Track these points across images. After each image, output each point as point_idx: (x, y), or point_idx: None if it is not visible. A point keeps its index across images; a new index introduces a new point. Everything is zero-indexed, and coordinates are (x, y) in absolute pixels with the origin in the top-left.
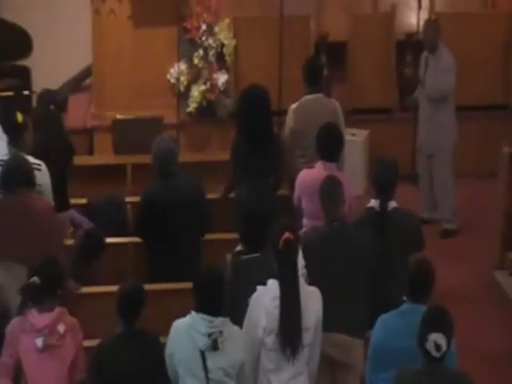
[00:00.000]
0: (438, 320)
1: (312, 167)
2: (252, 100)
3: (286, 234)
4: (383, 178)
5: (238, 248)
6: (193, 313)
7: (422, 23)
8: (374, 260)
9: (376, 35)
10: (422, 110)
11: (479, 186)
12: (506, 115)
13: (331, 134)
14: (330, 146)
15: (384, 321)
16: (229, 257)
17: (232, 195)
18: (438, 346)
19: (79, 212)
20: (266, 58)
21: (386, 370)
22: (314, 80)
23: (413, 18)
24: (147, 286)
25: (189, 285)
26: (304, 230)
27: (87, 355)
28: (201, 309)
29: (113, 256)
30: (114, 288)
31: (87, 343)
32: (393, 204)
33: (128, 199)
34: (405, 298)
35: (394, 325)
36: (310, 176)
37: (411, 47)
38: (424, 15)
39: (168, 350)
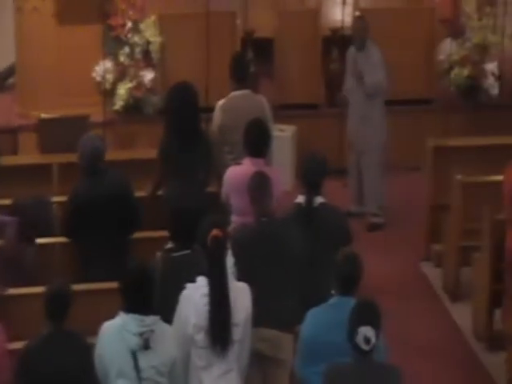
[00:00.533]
0: (366, 313)
1: (240, 163)
2: (179, 97)
3: (215, 231)
4: (312, 175)
5: (168, 245)
6: (122, 313)
7: (346, 19)
8: (302, 255)
9: (302, 31)
10: (354, 108)
11: (406, 179)
12: (430, 109)
13: (258, 130)
14: (257, 141)
15: (313, 315)
16: (159, 254)
17: (160, 193)
18: (367, 339)
19: (4, 213)
20: (192, 54)
21: (316, 363)
22: (240, 76)
23: (338, 14)
24: (75, 287)
25: (116, 284)
26: (233, 226)
27: (14, 357)
28: (131, 308)
29: (40, 256)
30: (41, 289)
31: (15, 345)
32: (320, 199)
33: (55, 199)
34: (333, 292)
35: (323, 318)
36: (238, 172)
37: (337, 43)
38: (349, 11)
39: (98, 351)
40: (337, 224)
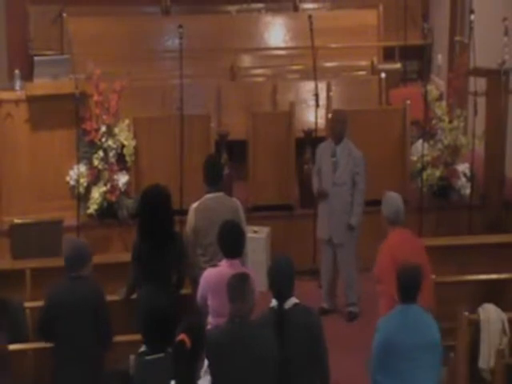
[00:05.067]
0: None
1: (216, 265)
2: (153, 200)
3: (181, 336)
4: (280, 282)
5: (142, 349)
6: None
7: (319, 121)
8: (275, 358)
9: (275, 133)
10: (332, 203)
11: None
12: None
13: (232, 231)
14: (232, 243)
15: (384, 322)
16: (132, 358)
17: (134, 296)
18: None
19: None
20: (167, 157)
21: (388, 366)
22: (213, 179)
23: (311, 116)
24: None
25: None
26: (208, 328)
27: None
28: None
29: (12, 363)
30: None
31: None
32: (293, 300)
33: (27, 304)
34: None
35: (393, 323)
36: (214, 274)
37: (310, 144)
38: (322, 113)
39: None
40: (308, 325)
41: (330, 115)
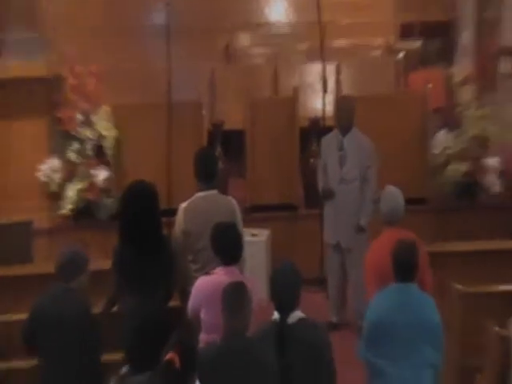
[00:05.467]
0: None
1: (210, 273)
2: (136, 198)
3: (169, 355)
4: (283, 293)
5: (124, 369)
6: None
7: (327, 108)
8: (275, 380)
9: (277, 122)
10: (340, 202)
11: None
12: (422, 210)
13: (228, 233)
14: (228, 246)
15: (377, 300)
16: (113, 379)
17: (115, 309)
18: None
19: None
20: (152, 150)
21: (379, 346)
22: (206, 175)
23: (317, 103)
24: None
25: None
26: (200, 346)
27: None
28: None
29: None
30: None
31: None
32: (297, 314)
33: None
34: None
35: (386, 302)
36: (210, 282)
37: (317, 135)
38: (330, 99)
39: None
40: (314, 344)
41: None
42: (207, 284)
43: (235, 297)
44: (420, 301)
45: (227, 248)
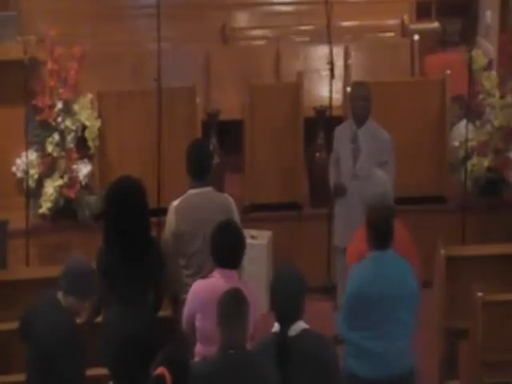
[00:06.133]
0: None
1: (208, 277)
2: (122, 196)
3: (160, 370)
4: (285, 301)
5: None
6: None
7: (335, 96)
8: None
9: (279, 111)
10: (352, 200)
11: None
12: (442, 210)
13: (228, 233)
14: (228, 249)
15: (356, 270)
16: None
17: (99, 319)
18: None
19: None
20: (140, 142)
21: (357, 318)
22: (200, 170)
23: (324, 90)
24: None
25: None
26: (195, 360)
27: None
28: None
29: None
30: None
31: None
32: (300, 325)
33: None
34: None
35: (366, 273)
36: (206, 287)
37: (323, 125)
38: (338, 86)
39: None
40: (319, 358)
41: (348, 89)
42: (203, 288)
43: (233, 306)
44: (398, 268)
45: (226, 250)
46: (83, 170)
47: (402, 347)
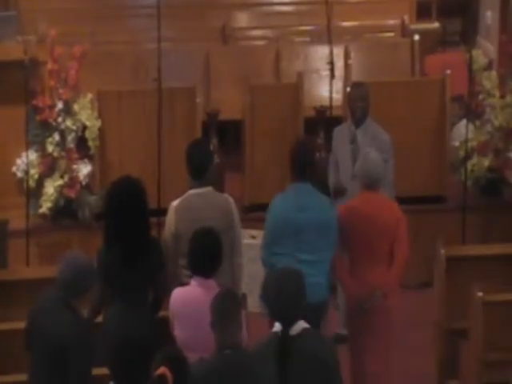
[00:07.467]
0: None
1: (186, 284)
2: (122, 196)
3: (161, 370)
4: (283, 303)
5: None
6: None
7: (335, 96)
8: None
9: (279, 111)
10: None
11: (414, 296)
12: (441, 209)
13: (203, 242)
14: (202, 257)
15: (275, 201)
16: None
17: (99, 320)
18: None
19: None
20: (140, 142)
21: (277, 243)
22: (200, 170)
23: (324, 90)
24: None
25: None
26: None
27: None
28: None
29: None
30: None
31: None
32: (301, 324)
33: None
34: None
35: (284, 202)
36: (182, 296)
37: (323, 125)
38: (338, 86)
39: None
40: (319, 358)
41: (348, 89)
42: (179, 296)
43: (226, 306)
44: (317, 199)
45: (200, 259)
46: (83, 169)
47: (318, 275)
